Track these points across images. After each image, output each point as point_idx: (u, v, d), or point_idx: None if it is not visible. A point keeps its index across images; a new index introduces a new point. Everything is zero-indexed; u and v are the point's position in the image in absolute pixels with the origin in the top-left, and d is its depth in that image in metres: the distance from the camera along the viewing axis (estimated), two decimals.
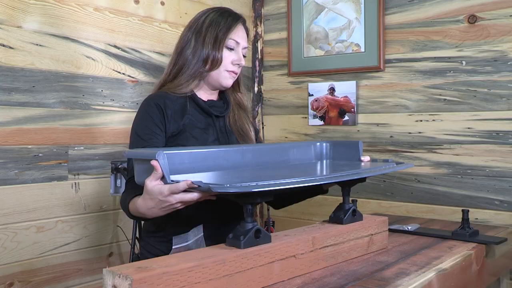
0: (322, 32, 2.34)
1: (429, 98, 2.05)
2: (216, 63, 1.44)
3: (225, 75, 1.46)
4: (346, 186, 1.35)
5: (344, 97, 2.26)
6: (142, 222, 1.55)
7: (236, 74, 1.49)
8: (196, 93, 1.48)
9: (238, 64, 1.48)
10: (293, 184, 1.02)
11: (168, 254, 1.39)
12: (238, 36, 1.47)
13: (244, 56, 1.51)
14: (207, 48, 1.43)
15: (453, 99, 1.99)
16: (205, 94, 1.51)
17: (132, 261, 1.57)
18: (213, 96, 1.54)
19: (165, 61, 2.03)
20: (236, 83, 1.56)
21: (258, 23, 2.54)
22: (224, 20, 1.46)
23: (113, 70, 1.88)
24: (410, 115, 2.10)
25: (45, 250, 1.68)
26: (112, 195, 1.88)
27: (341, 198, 1.35)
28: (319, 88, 2.35)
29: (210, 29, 1.44)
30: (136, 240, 1.75)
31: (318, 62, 2.35)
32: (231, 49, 1.46)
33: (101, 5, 1.84)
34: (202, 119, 1.45)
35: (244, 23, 1.51)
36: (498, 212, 1.89)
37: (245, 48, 1.50)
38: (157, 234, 1.43)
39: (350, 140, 1.68)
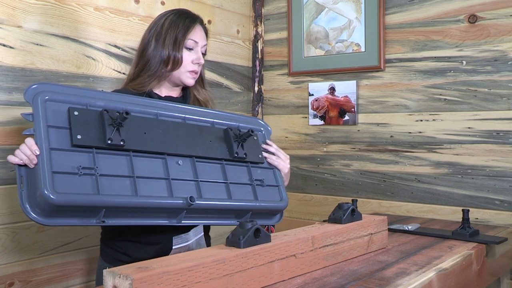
0: (322, 32, 2.34)
1: (429, 98, 2.05)
2: (176, 63, 1.49)
3: (186, 75, 1.52)
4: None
5: (344, 97, 2.26)
6: None
7: (197, 73, 1.54)
8: (155, 90, 1.53)
9: (198, 63, 1.52)
10: None
11: (119, 247, 1.42)
12: (197, 36, 1.52)
13: (204, 54, 1.56)
14: (167, 49, 1.49)
15: (453, 99, 1.99)
16: (165, 90, 1.56)
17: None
18: (173, 92, 1.58)
19: None
20: (200, 80, 1.61)
21: (258, 23, 2.54)
22: (182, 21, 1.52)
23: (114, 70, 1.88)
24: (410, 115, 2.10)
25: (46, 250, 1.68)
26: None
27: (341, 198, 1.35)
28: (319, 88, 2.35)
29: (169, 31, 1.50)
30: None
31: (318, 62, 2.35)
32: (190, 49, 1.52)
33: (101, 5, 1.84)
34: None
35: (201, 23, 1.57)
36: (499, 212, 1.89)
37: (204, 46, 1.55)
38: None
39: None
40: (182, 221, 1.27)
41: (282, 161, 1.52)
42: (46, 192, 1.05)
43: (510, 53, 1.87)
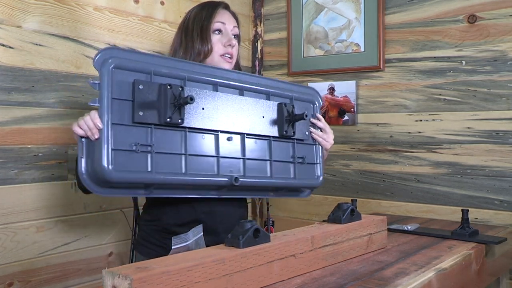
0: (322, 32, 2.34)
1: (429, 98, 2.05)
2: (208, 52, 1.46)
3: (219, 61, 1.48)
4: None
5: (344, 96, 2.26)
6: (141, 211, 1.57)
7: (230, 55, 1.49)
8: None
9: (230, 45, 1.48)
10: None
11: (163, 243, 1.42)
12: (223, 18, 1.49)
13: (236, 35, 1.52)
14: (196, 42, 1.46)
15: (453, 99, 1.99)
16: None
17: (131, 249, 1.58)
18: None
19: None
20: (236, 67, 1.57)
21: (258, 23, 2.54)
22: (205, 10, 1.50)
23: None
24: (410, 115, 2.10)
25: (45, 250, 1.68)
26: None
27: (341, 198, 1.36)
28: (319, 88, 2.34)
29: (195, 24, 1.48)
30: (136, 226, 1.75)
31: (318, 62, 2.35)
32: (219, 31, 1.48)
33: (101, 5, 1.84)
34: None
35: (226, 7, 1.54)
36: (498, 212, 1.89)
37: (235, 27, 1.52)
38: (153, 223, 1.46)
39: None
40: (223, 195, 1.33)
41: (327, 137, 1.53)
42: (106, 168, 1.10)
43: (509, 53, 1.87)
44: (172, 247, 1.36)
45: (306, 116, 1.41)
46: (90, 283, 1.80)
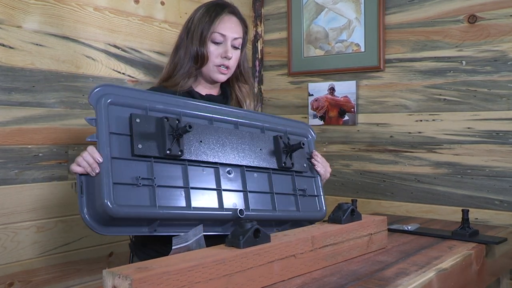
0: (322, 32, 2.34)
1: (429, 98, 2.05)
2: (203, 59, 1.44)
3: (214, 70, 1.46)
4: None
5: (344, 97, 2.26)
6: None
7: (226, 67, 1.47)
8: (195, 89, 1.49)
9: (226, 57, 1.45)
10: None
11: (163, 249, 1.40)
12: (224, 28, 1.45)
13: (237, 48, 1.48)
14: (195, 45, 1.44)
15: (453, 99, 1.99)
16: (204, 89, 1.52)
17: (130, 252, 1.57)
18: (213, 90, 1.54)
19: (165, 61, 2.02)
20: (239, 75, 1.55)
21: (258, 23, 2.54)
22: (209, 14, 1.46)
23: (113, 70, 1.88)
24: (410, 115, 2.10)
25: (45, 250, 1.68)
26: None
27: (341, 198, 1.36)
28: (319, 88, 2.35)
29: (197, 26, 1.45)
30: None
31: (318, 62, 2.35)
32: (217, 43, 1.46)
33: (101, 5, 1.84)
34: None
35: (232, 12, 1.49)
36: (498, 212, 1.89)
37: (236, 39, 1.47)
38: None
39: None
40: (228, 231, 1.29)
41: (325, 172, 1.56)
42: (108, 204, 1.07)
43: (510, 53, 1.87)
44: (173, 247, 1.36)
45: (303, 144, 1.41)
46: (91, 283, 1.80)
